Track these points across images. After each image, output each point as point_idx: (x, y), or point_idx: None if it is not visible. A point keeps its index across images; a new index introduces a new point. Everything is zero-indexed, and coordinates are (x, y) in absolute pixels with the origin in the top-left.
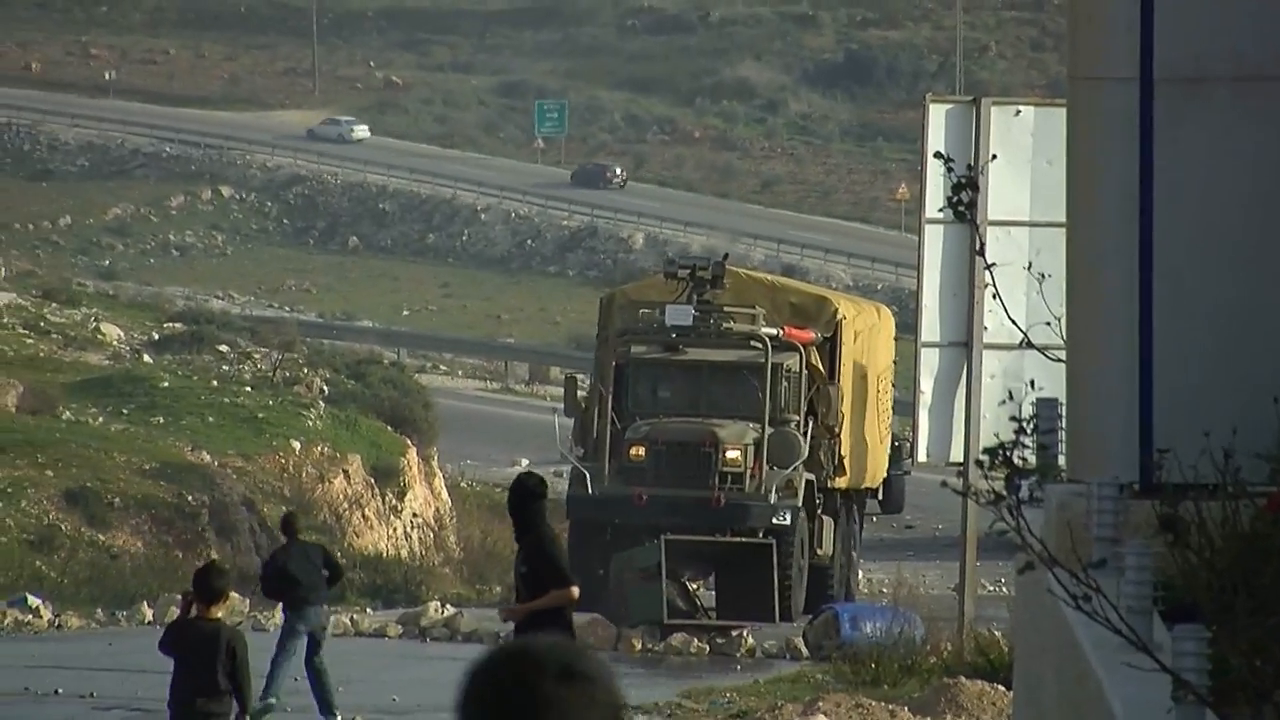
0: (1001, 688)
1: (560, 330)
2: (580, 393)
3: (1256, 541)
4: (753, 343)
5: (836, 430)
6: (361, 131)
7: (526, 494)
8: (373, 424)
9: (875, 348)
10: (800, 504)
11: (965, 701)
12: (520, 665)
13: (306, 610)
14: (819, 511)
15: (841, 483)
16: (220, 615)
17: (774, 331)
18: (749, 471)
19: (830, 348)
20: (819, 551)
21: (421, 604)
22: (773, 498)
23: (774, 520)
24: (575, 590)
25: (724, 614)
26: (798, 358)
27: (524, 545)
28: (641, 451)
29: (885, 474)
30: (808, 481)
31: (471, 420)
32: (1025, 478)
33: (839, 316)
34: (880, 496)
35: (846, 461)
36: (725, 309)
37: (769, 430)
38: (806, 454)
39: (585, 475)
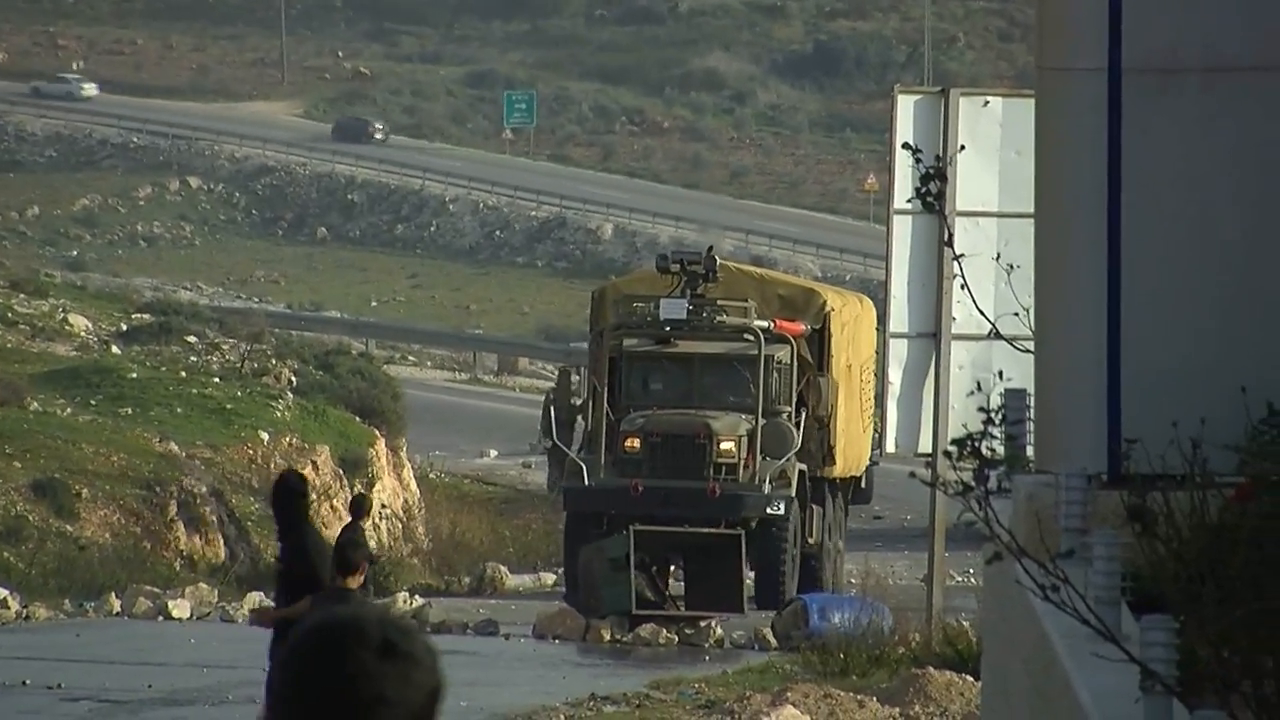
0: (970, 678)
1: (529, 321)
2: (571, 386)
3: (1224, 532)
4: (745, 335)
5: (827, 420)
6: (90, 89)
7: (288, 492)
8: (341, 415)
9: (859, 338)
10: (794, 493)
11: (934, 692)
12: (341, 637)
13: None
14: (810, 501)
15: (831, 472)
16: (355, 585)
17: (765, 324)
18: (743, 462)
19: (819, 339)
20: (809, 540)
21: (390, 595)
22: (766, 488)
23: (768, 510)
24: None
25: (692, 605)
26: (788, 349)
27: (285, 545)
28: (637, 443)
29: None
30: (800, 472)
31: (440, 411)
32: (993, 468)
33: (827, 308)
34: (863, 485)
35: (836, 451)
36: (718, 302)
37: (762, 421)
38: (799, 444)
39: (581, 467)
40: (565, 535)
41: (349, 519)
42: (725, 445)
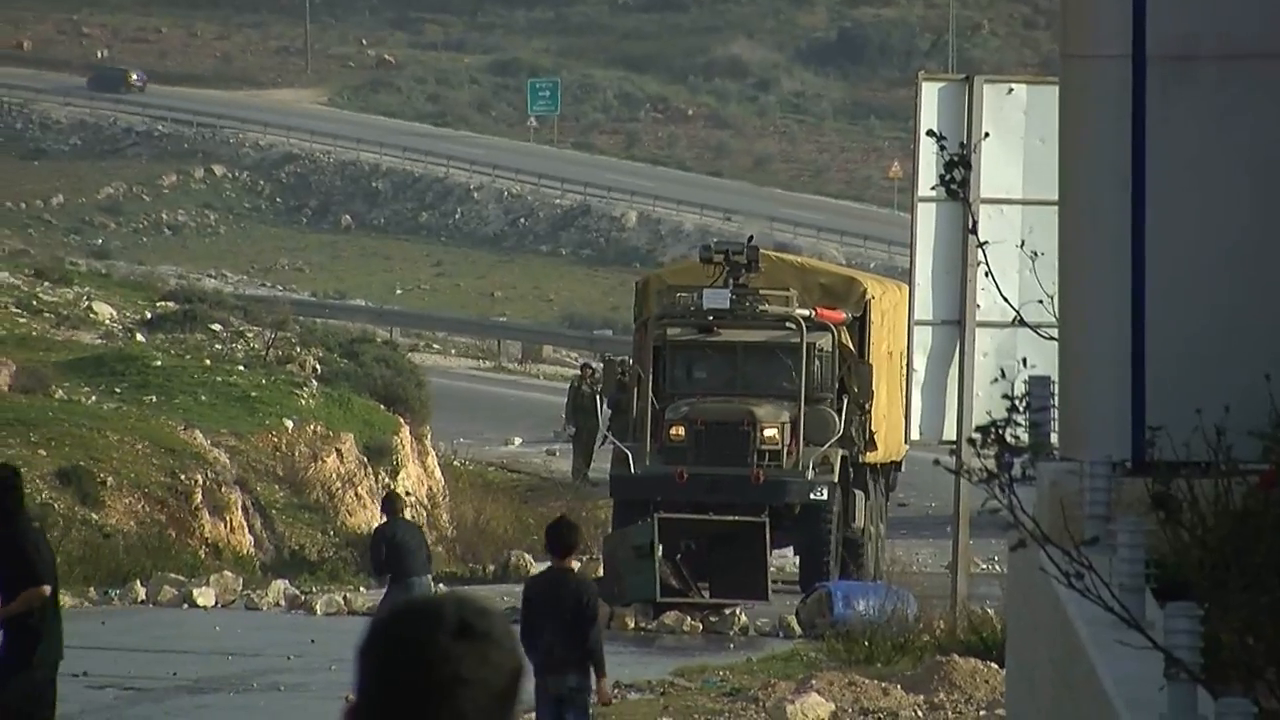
0: (994, 665)
1: (553, 309)
2: (618, 376)
3: (1249, 519)
4: (786, 324)
5: (868, 407)
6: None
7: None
8: (365, 403)
9: (899, 325)
10: (836, 479)
11: (958, 679)
12: (419, 620)
13: (414, 582)
14: (851, 486)
15: (873, 458)
16: (573, 566)
17: (807, 312)
18: (786, 448)
19: (860, 327)
20: (852, 525)
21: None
22: (810, 474)
23: (811, 496)
24: (46, 589)
25: (717, 593)
26: (830, 337)
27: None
28: (681, 431)
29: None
30: (842, 458)
31: (464, 399)
32: (1018, 455)
33: (868, 296)
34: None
35: (878, 437)
36: (760, 292)
37: (804, 408)
38: (841, 431)
39: (627, 455)
40: (613, 523)
41: (384, 518)
42: (769, 432)
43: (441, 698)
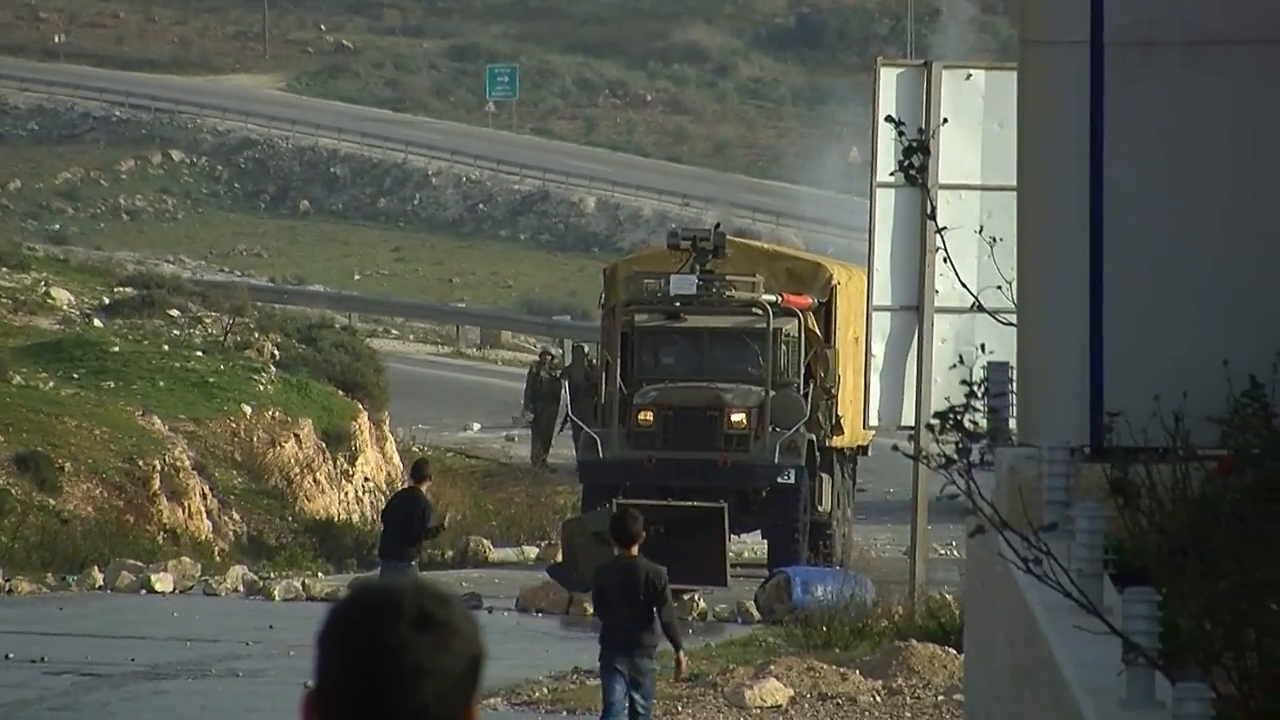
0: (953, 650)
1: (512, 294)
2: (585, 362)
3: (1206, 505)
4: (753, 309)
5: (834, 391)
6: None
7: None
8: (324, 388)
9: (864, 311)
10: (803, 463)
11: (916, 664)
12: (377, 608)
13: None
14: (818, 470)
15: (839, 442)
16: (635, 553)
17: (773, 298)
18: (753, 433)
19: (826, 312)
20: (819, 508)
21: (373, 568)
22: (777, 458)
23: (779, 480)
24: None
25: (675, 578)
26: (796, 322)
27: None
28: (649, 416)
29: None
30: (809, 442)
31: (423, 384)
32: (976, 441)
33: (834, 282)
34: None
35: (844, 421)
36: (727, 278)
37: (771, 393)
38: (808, 415)
39: (596, 441)
40: (582, 508)
41: (410, 483)
42: (736, 417)
43: (402, 687)
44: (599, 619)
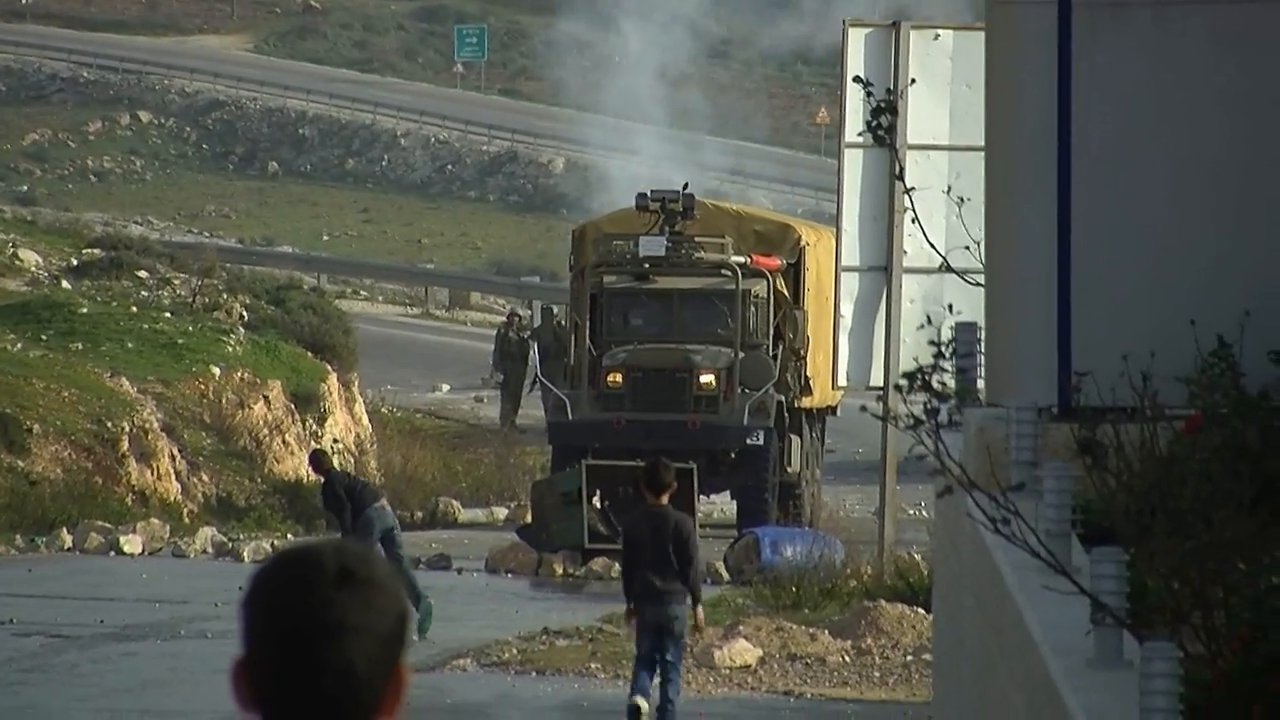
0: (921, 611)
1: (481, 255)
2: (554, 323)
3: (1174, 465)
4: (722, 271)
5: (803, 353)
6: None
7: None
8: (293, 350)
9: (832, 271)
10: (772, 424)
11: (885, 625)
12: (300, 568)
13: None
14: (787, 431)
15: (808, 403)
16: (665, 503)
17: (742, 260)
18: (723, 394)
19: (794, 273)
20: (788, 469)
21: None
22: (746, 419)
23: (748, 441)
24: None
25: None
26: (765, 284)
27: None
28: (619, 378)
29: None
30: (778, 403)
31: (392, 346)
32: (944, 402)
33: (802, 243)
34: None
35: (813, 382)
36: (696, 239)
37: (740, 355)
38: (777, 376)
39: (565, 402)
40: (551, 469)
41: (319, 475)
42: (705, 379)
43: (328, 646)
44: (626, 569)
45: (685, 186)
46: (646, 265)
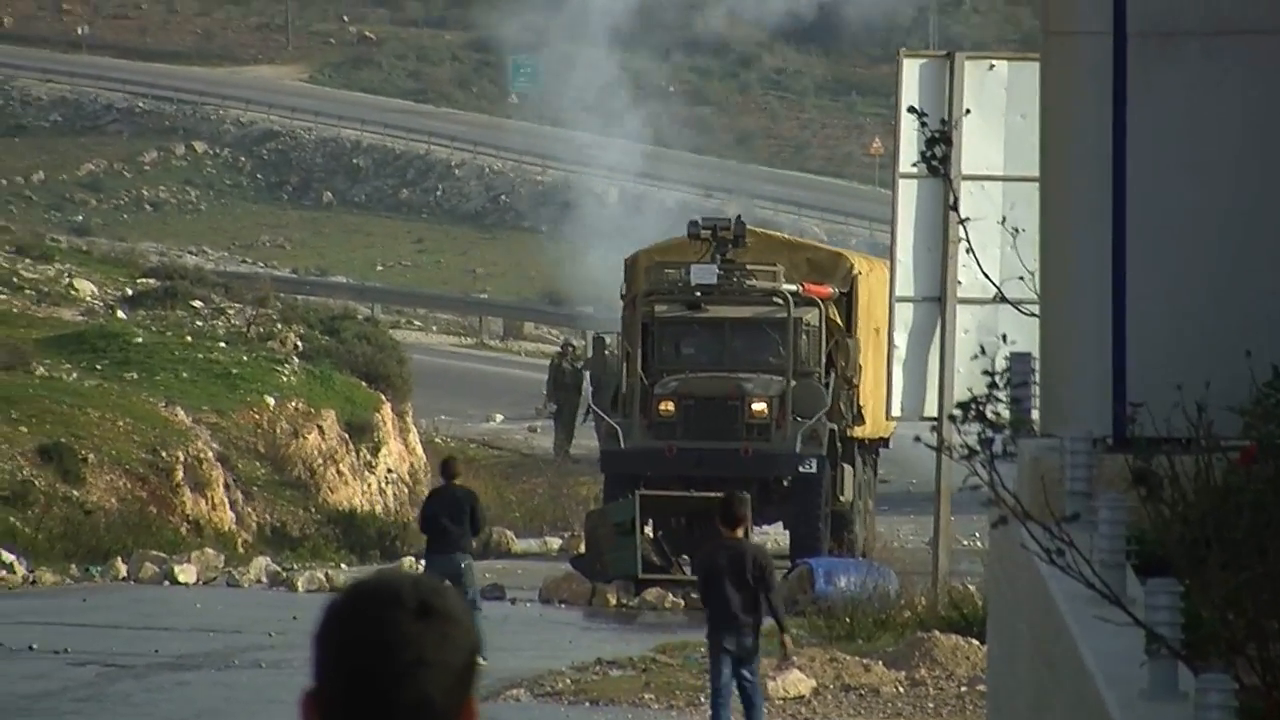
0: (975, 641)
1: (534, 285)
2: (608, 352)
3: (1229, 495)
4: (774, 299)
5: (855, 381)
6: None
7: None
8: (347, 380)
9: (885, 301)
10: (825, 453)
11: (939, 655)
12: (378, 600)
13: (433, 558)
14: (840, 460)
15: (860, 432)
16: (741, 535)
17: (794, 288)
18: (775, 422)
19: (846, 302)
20: (840, 498)
21: (396, 559)
22: (798, 447)
23: (800, 469)
24: None
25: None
26: (817, 312)
27: None
28: (671, 406)
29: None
30: (830, 432)
31: (446, 376)
32: (998, 432)
33: (855, 272)
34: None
35: (865, 411)
36: (747, 267)
37: (792, 383)
38: (829, 405)
39: (617, 431)
40: (604, 498)
41: (441, 482)
42: (757, 406)
43: (405, 680)
44: (704, 601)
45: (739, 216)
46: (698, 293)
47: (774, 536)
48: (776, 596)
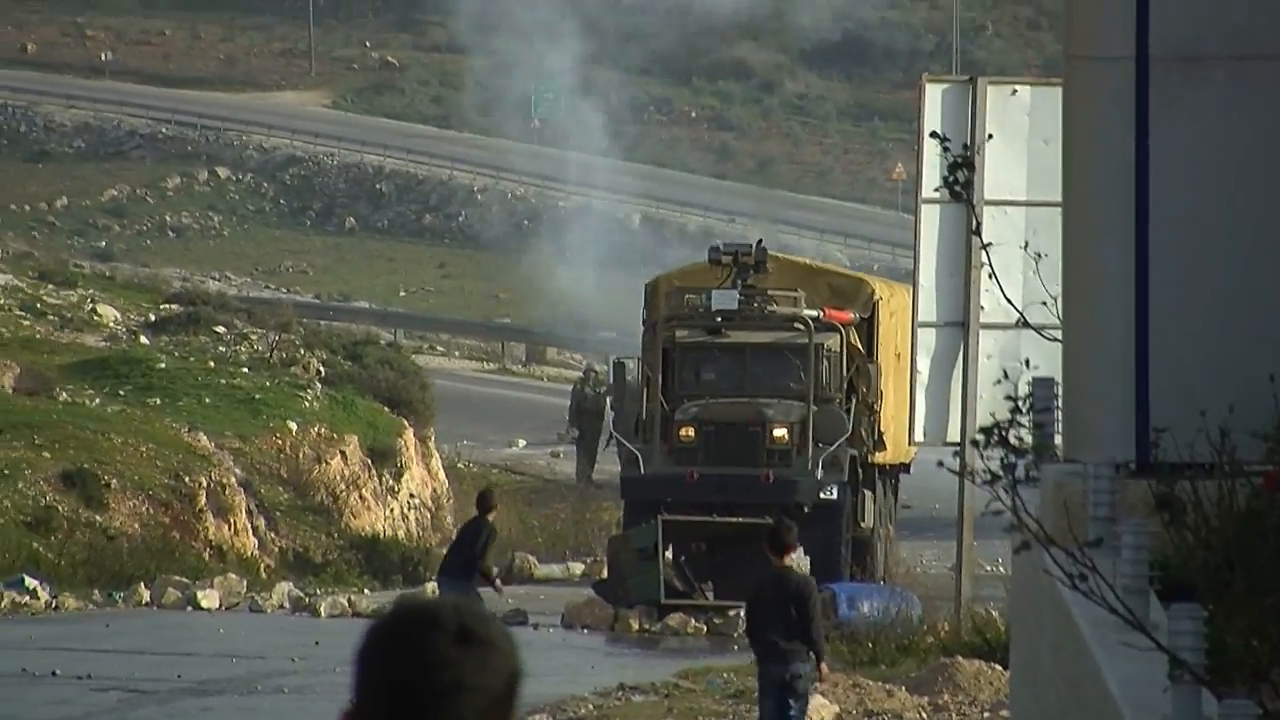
0: (999, 667)
1: (557, 311)
2: (628, 377)
3: (1253, 521)
4: (795, 324)
5: (876, 407)
6: None
7: None
8: (370, 405)
9: (906, 327)
10: (846, 479)
11: (962, 681)
12: (418, 624)
13: (440, 582)
14: (860, 486)
15: (881, 458)
16: (790, 564)
17: (815, 313)
18: (796, 448)
19: (868, 327)
20: (861, 525)
21: (419, 584)
22: (820, 474)
23: (821, 495)
24: None
25: (721, 594)
26: (838, 338)
27: None
28: (691, 432)
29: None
30: (851, 457)
31: (469, 401)
32: (1021, 457)
33: (876, 297)
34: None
35: (886, 437)
36: (768, 293)
37: (813, 409)
38: (850, 431)
39: (638, 456)
40: (624, 524)
41: (476, 513)
42: (778, 432)
43: (442, 703)
44: (750, 629)
45: (759, 241)
46: (719, 319)
47: (796, 562)
48: (816, 626)
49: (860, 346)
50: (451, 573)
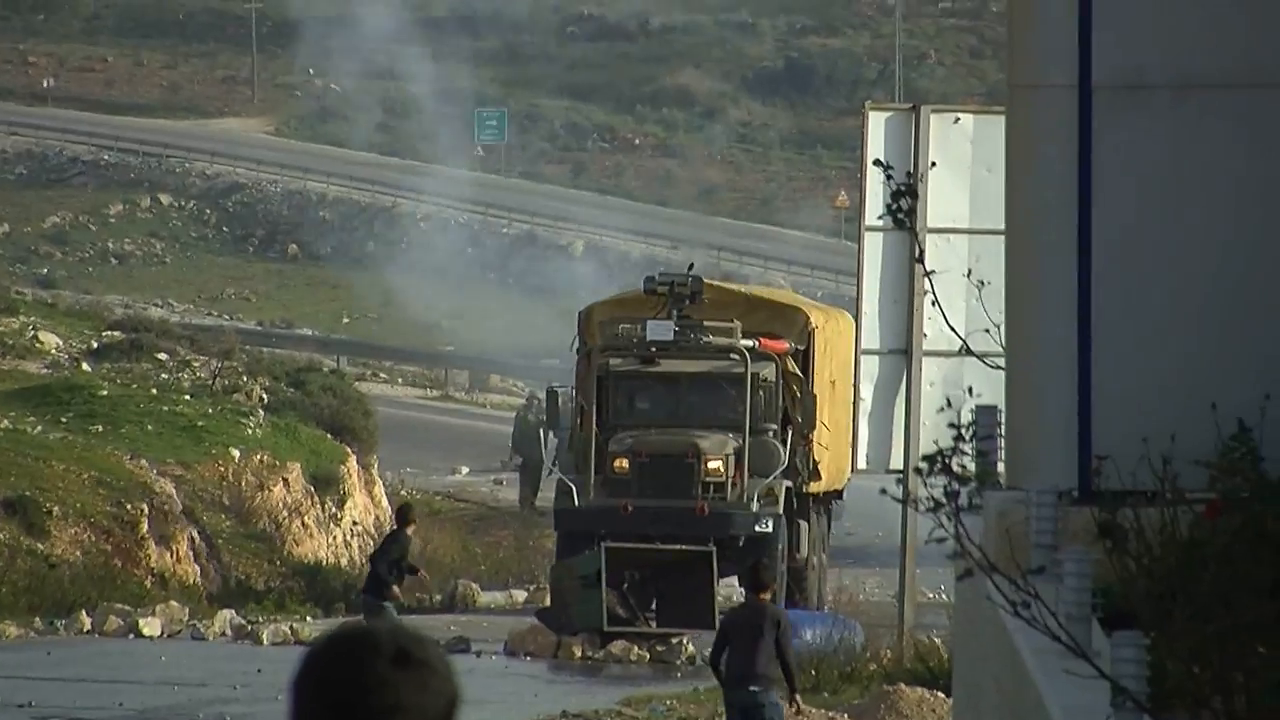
0: (941, 694)
1: (501, 339)
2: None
3: (1194, 548)
4: (730, 354)
5: (811, 437)
6: None
7: None
8: (312, 432)
9: (841, 354)
10: (780, 511)
11: (905, 708)
12: (355, 647)
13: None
14: (795, 516)
15: (816, 488)
16: (767, 599)
17: (750, 343)
18: (731, 480)
19: (804, 356)
20: (797, 555)
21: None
22: (754, 506)
23: (756, 528)
24: None
25: (664, 622)
26: (773, 367)
27: None
28: (625, 464)
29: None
30: (786, 488)
31: (411, 428)
32: (964, 485)
33: (811, 326)
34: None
35: (821, 467)
36: (704, 323)
37: (749, 440)
38: (785, 462)
39: (572, 488)
40: (557, 556)
41: (395, 527)
42: (713, 464)
43: None
44: (718, 660)
45: (691, 268)
46: (654, 350)
47: (736, 591)
48: (792, 654)
49: (798, 373)
50: (369, 586)
